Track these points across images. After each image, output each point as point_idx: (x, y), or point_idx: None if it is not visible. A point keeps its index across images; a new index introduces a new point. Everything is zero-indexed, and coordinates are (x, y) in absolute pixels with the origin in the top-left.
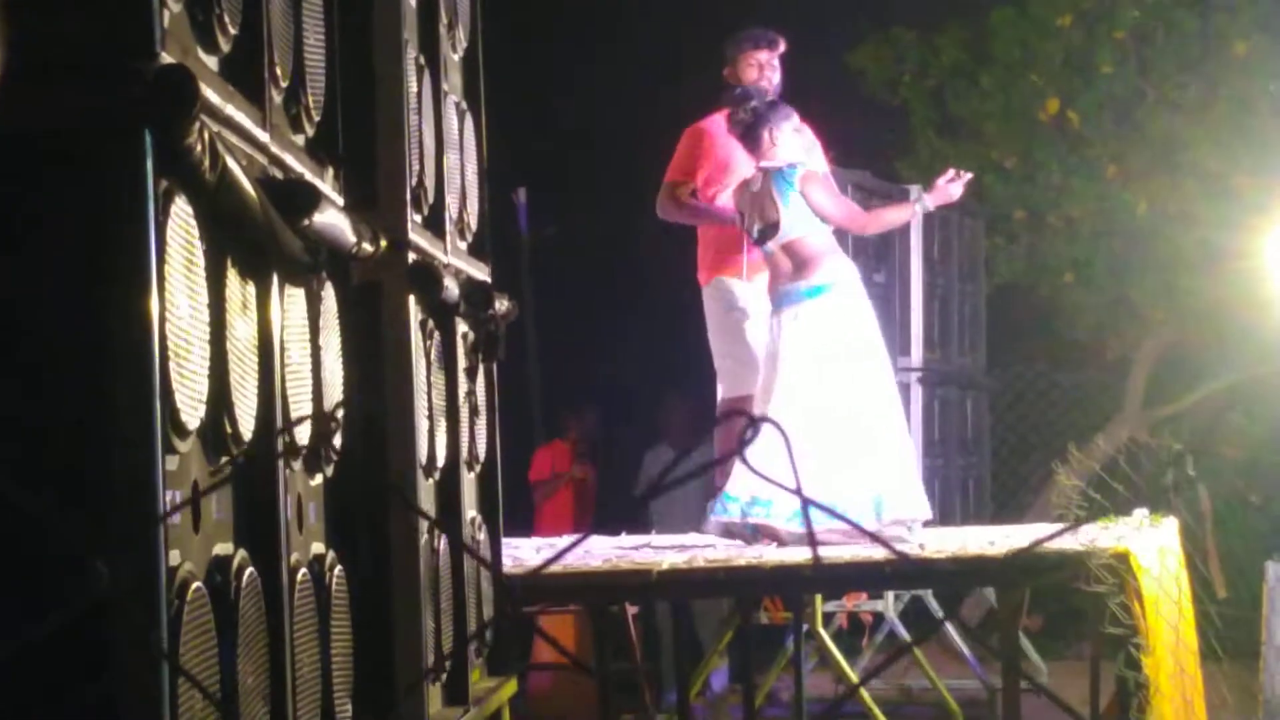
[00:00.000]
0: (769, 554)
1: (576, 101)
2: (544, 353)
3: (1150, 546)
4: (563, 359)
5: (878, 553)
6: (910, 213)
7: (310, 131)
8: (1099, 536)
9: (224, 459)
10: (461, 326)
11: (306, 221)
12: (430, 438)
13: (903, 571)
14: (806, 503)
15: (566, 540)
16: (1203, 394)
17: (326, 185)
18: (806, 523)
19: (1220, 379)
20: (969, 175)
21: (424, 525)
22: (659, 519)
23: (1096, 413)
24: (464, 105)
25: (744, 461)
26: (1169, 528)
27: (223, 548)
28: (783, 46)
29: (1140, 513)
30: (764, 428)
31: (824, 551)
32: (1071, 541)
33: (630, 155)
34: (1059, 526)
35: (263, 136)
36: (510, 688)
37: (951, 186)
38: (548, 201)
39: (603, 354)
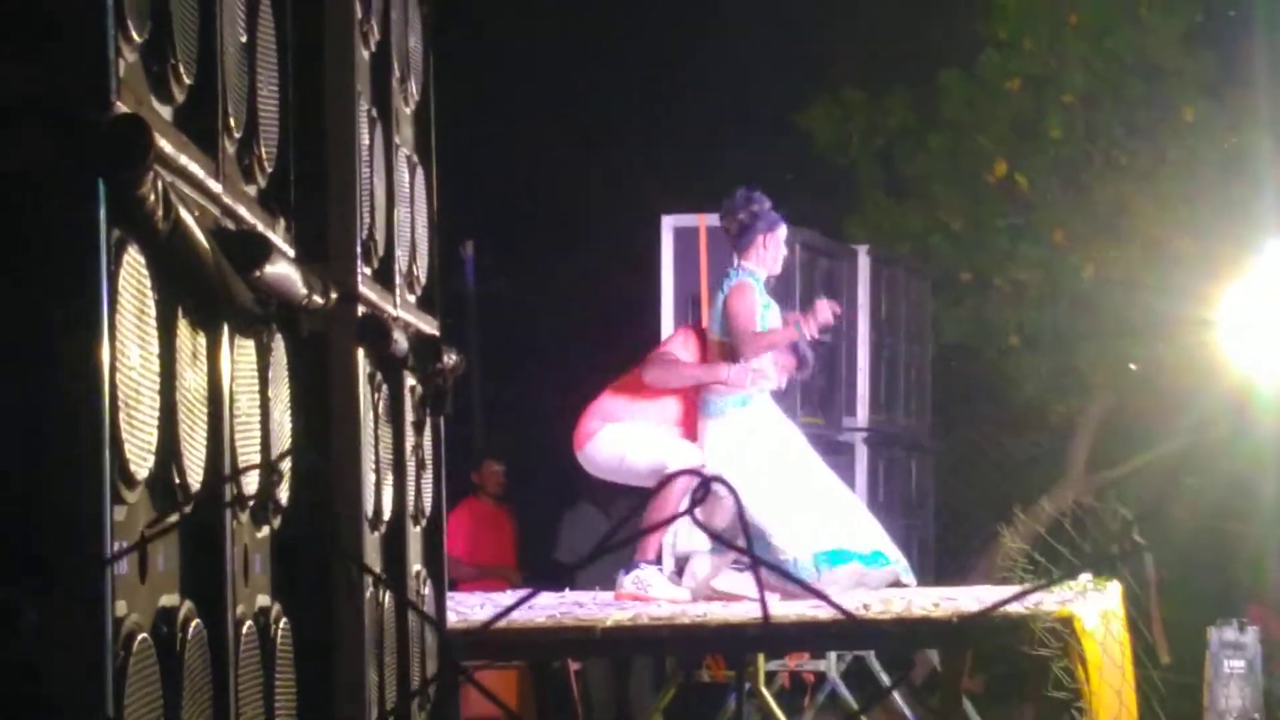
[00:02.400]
0: (714, 612)
1: (525, 157)
2: (489, 407)
3: (1094, 611)
4: (507, 413)
5: (822, 612)
6: (791, 335)
7: (262, 182)
8: (1043, 600)
9: (172, 510)
10: (409, 380)
11: (258, 273)
12: (377, 491)
13: (847, 632)
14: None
15: (509, 596)
16: (1147, 459)
17: (278, 237)
18: (757, 582)
19: (1165, 444)
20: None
21: (369, 580)
22: (582, 577)
23: (1041, 476)
24: (415, 159)
25: (695, 521)
26: (1113, 592)
27: (169, 599)
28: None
29: (1085, 577)
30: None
31: (771, 610)
32: (1016, 605)
33: (576, 211)
34: (1012, 590)
35: (215, 187)
36: None
37: (827, 311)
38: (495, 256)
39: (546, 408)
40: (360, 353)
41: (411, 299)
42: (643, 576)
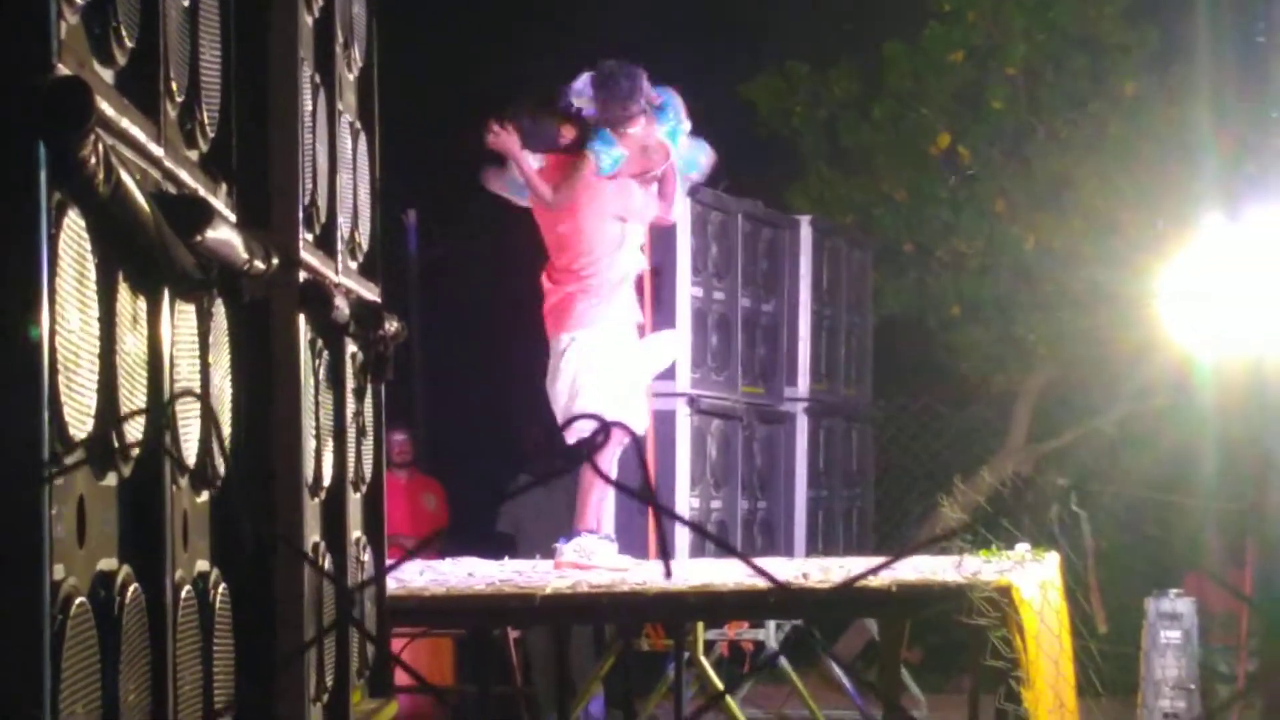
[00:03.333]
0: (654, 580)
1: (466, 123)
2: (429, 374)
3: (1032, 580)
4: (447, 381)
5: (761, 581)
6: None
7: (204, 147)
8: (981, 569)
9: (110, 472)
10: (351, 346)
11: (199, 237)
12: (317, 457)
13: (785, 601)
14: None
15: (449, 564)
16: (1086, 429)
17: (219, 202)
18: (660, 533)
19: (1104, 415)
20: None
21: (309, 546)
22: (523, 546)
23: (981, 447)
24: (358, 125)
25: (594, 466)
26: (1051, 562)
27: (107, 563)
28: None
29: (1022, 546)
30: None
31: (709, 579)
32: (954, 574)
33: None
34: (949, 559)
35: (157, 151)
36: (391, 709)
37: None
38: (436, 223)
39: (486, 377)
40: (301, 319)
41: (353, 265)
42: (584, 545)
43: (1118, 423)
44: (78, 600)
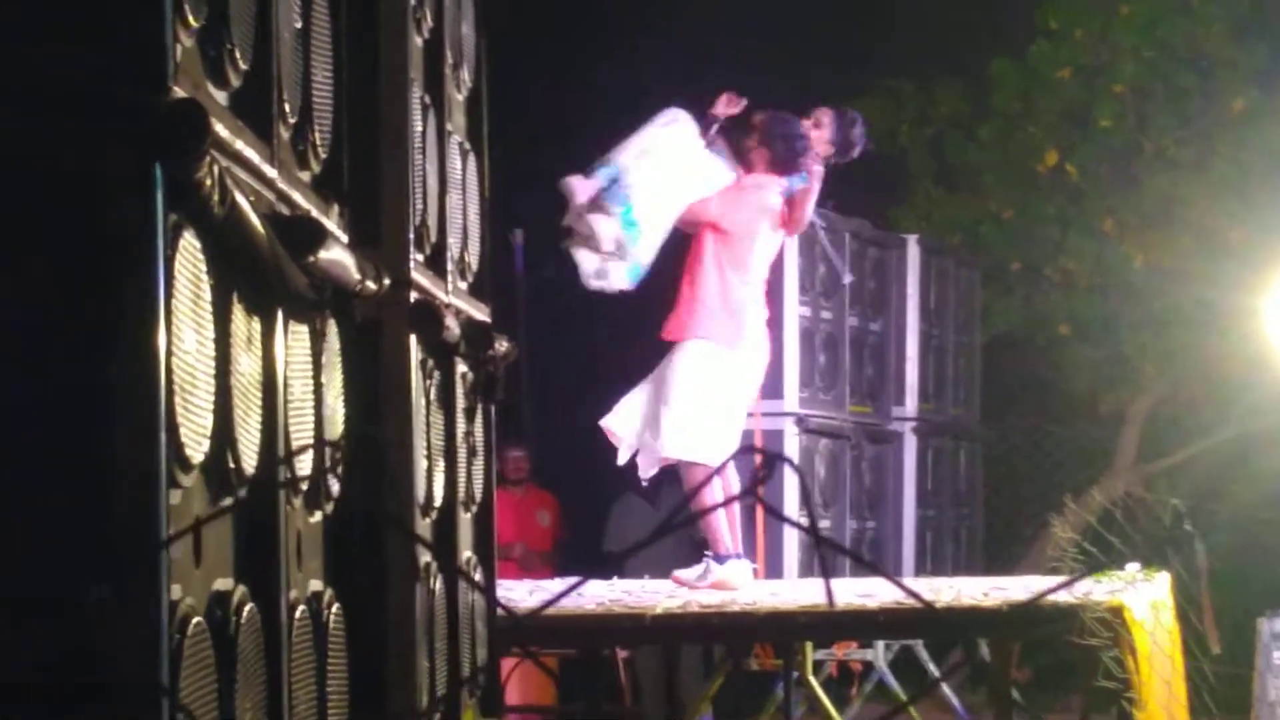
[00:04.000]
0: (763, 600)
1: (573, 143)
2: (538, 394)
3: (1144, 601)
4: (555, 400)
5: (871, 601)
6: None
7: (316, 168)
8: (1093, 590)
9: (227, 494)
10: (461, 366)
11: (312, 258)
12: (428, 477)
13: (895, 621)
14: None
15: (559, 584)
16: (1197, 450)
17: (331, 222)
18: (823, 564)
19: (1214, 435)
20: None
21: (422, 565)
22: (631, 566)
23: (1089, 467)
24: (467, 145)
25: (760, 501)
26: (1162, 582)
27: (223, 583)
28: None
29: (1133, 566)
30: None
31: (818, 599)
32: (1066, 594)
33: None
34: (1058, 579)
35: (270, 172)
36: None
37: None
38: (545, 243)
39: (595, 396)
40: (412, 339)
41: (463, 286)
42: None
43: (1228, 442)
44: (195, 620)
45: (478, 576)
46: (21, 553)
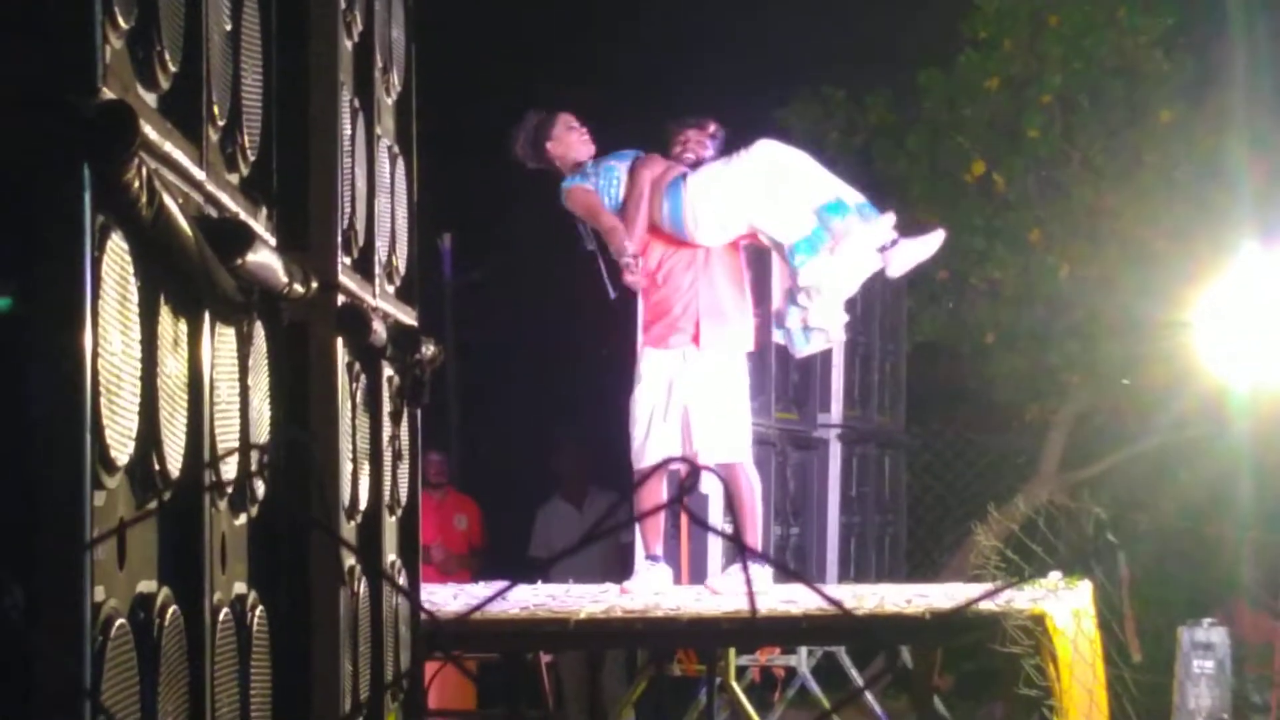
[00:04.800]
0: (687, 605)
1: (503, 148)
2: (464, 398)
3: (1066, 609)
4: (482, 404)
5: (794, 608)
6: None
7: (245, 171)
8: (1015, 598)
9: (152, 497)
10: (387, 370)
11: (240, 261)
12: (354, 480)
13: (819, 627)
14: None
15: (482, 588)
16: (1120, 459)
17: (259, 225)
18: (745, 574)
19: (1138, 445)
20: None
21: (345, 569)
22: (556, 570)
23: (1013, 475)
24: (396, 149)
25: (687, 511)
26: (1084, 590)
27: (146, 585)
28: (712, 127)
29: (1055, 575)
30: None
31: (742, 605)
32: (988, 602)
33: (553, 202)
34: (983, 587)
35: (199, 174)
36: None
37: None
38: (472, 247)
39: (521, 400)
40: (339, 342)
41: (390, 289)
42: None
43: (1153, 452)
44: (118, 622)
45: (402, 580)
46: None
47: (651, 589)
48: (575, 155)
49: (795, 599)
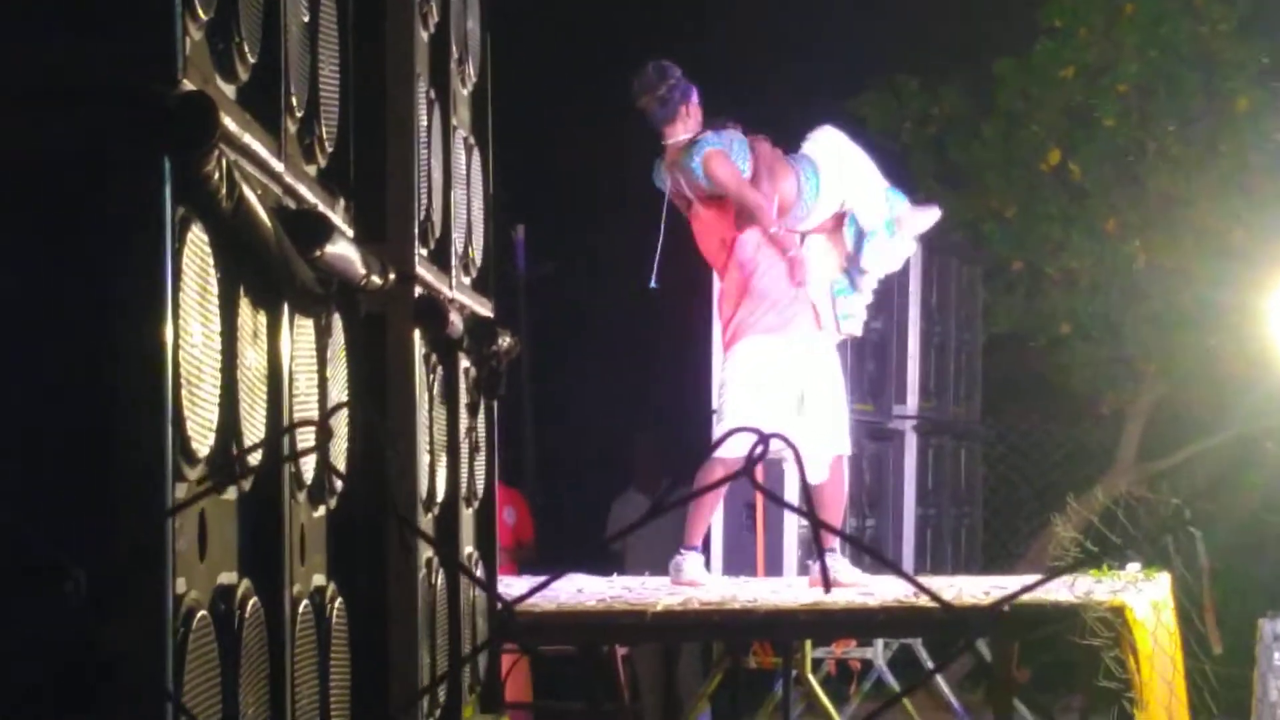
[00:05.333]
0: (763, 597)
1: (575, 139)
2: (537, 390)
3: (1145, 600)
4: (555, 396)
5: (871, 599)
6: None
7: (323, 162)
8: (1094, 589)
9: (231, 486)
10: (464, 362)
11: (319, 252)
12: (431, 472)
13: (895, 619)
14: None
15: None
16: (1198, 449)
17: (337, 217)
18: (820, 558)
19: (1216, 435)
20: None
21: (423, 560)
22: (631, 562)
23: (1090, 466)
24: (471, 140)
25: (753, 482)
26: (1163, 582)
27: (227, 577)
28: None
29: (1134, 566)
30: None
31: (819, 597)
32: (1067, 594)
33: (626, 194)
34: (1059, 579)
35: (278, 166)
36: None
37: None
38: (545, 239)
39: (594, 392)
40: (417, 334)
41: (466, 281)
42: (682, 564)
43: (1231, 442)
44: (199, 614)
45: (479, 572)
46: (26, 545)
47: (698, 578)
48: (695, 129)
49: (871, 591)
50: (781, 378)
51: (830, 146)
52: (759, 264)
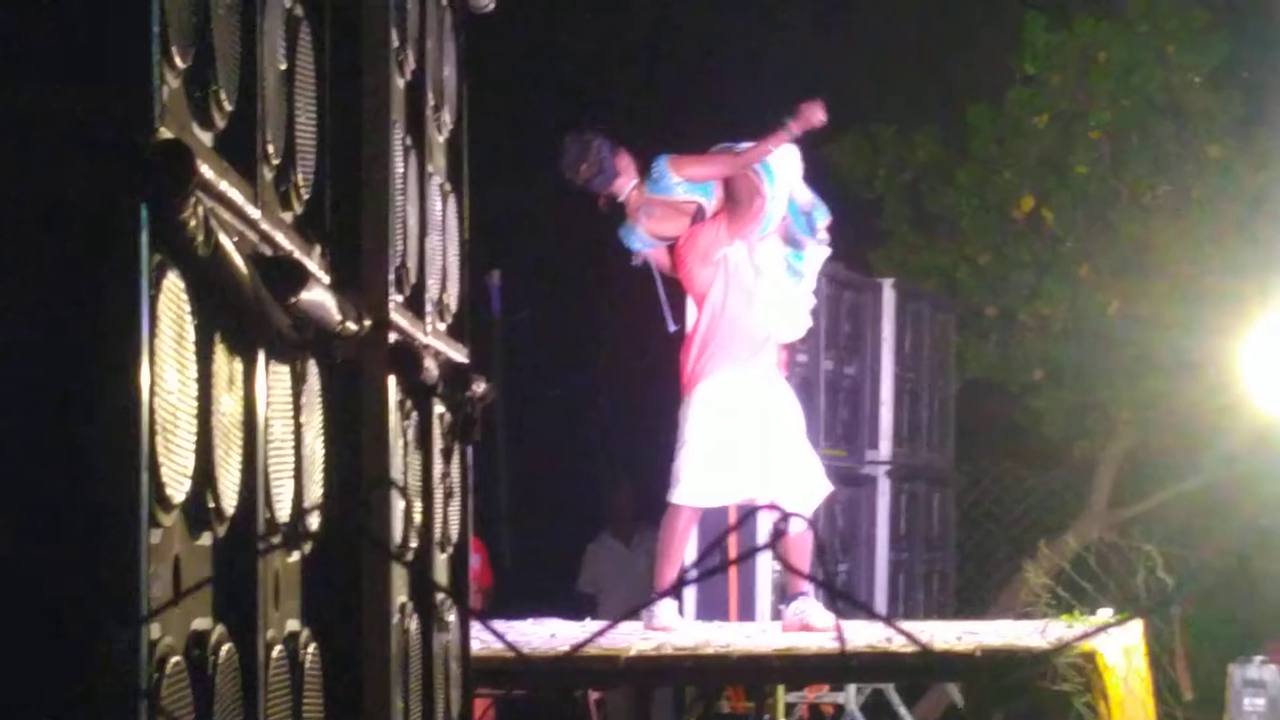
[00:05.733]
0: (737, 642)
1: (552, 185)
2: (512, 436)
3: (1116, 646)
4: (531, 443)
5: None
6: (778, 138)
7: (299, 209)
8: (1065, 634)
9: (206, 534)
10: (439, 408)
11: (294, 299)
12: (405, 518)
13: (868, 664)
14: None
15: (529, 623)
16: (1170, 496)
17: (313, 263)
18: (832, 608)
19: (1188, 481)
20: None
21: (396, 605)
22: (604, 607)
23: (1063, 512)
24: (448, 187)
25: (777, 556)
26: (1134, 627)
27: (201, 622)
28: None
29: (1105, 612)
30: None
31: (792, 642)
32: (1039, 639)
33: (604, 240)
34: (1033, 624)
35: (254, 213)
36: None
37: (818, 111)
38: (521, 285)
39: (570, 439)
40: (392, 380)
41: (442, 327)
42: (655, 609)
43: (1203, 489)
44: (173, 659)
45: (451, 618)
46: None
47: (670, 623)
48: (636, 172)
49: (845, 636)
50: (740, 415)
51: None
52: (738, 290)
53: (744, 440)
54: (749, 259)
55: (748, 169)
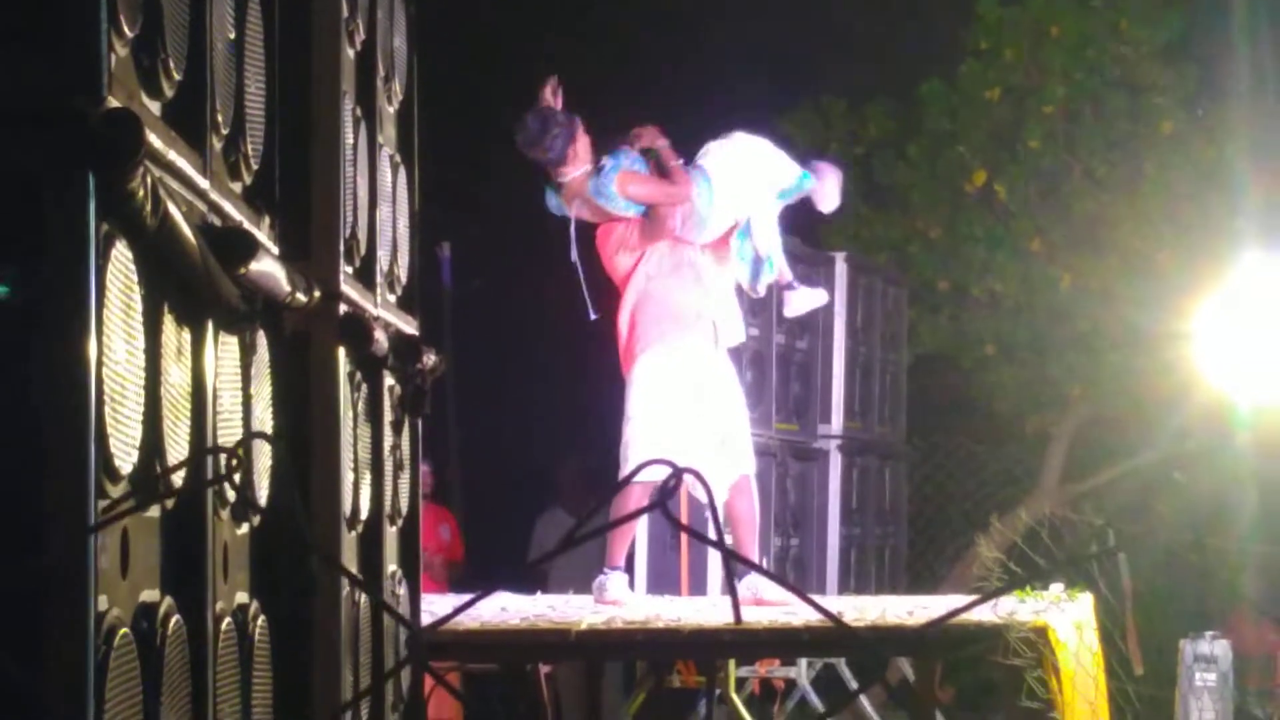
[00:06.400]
0: (688, 616)
1: (502, 157)
2: (462, 408)
3: (1068, 621)
4: (480, 415)
5: (795, 619)
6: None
7: (248, 179)
8: (1018, 610)
9: (154, 504)
10: (389, 380)
11: (243, 269)
12: (355, 490)
13: (819, 638)
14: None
15: (457, 599)
16: (1122, 471)
17: (263, 234)
18: (729, 582)
19: (1140, 457)
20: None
21: (345, 579)
22: (555, 580)
23: (1014, 486)
24: (398, 158)
25: (668, 516)
26: (1086, 603)
27: (149, 594)
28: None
29: (1058, 587)
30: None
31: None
32: (990, 614)
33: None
34: (977, 596)
35: (203, 183)
36: None
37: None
38: (471, 257)
39: (520, 411)
40: (341, 351)
41: (392, 299)
42: (606, 583)
43: (1154, 464)
44: (121, 631)
45: (402, 590)
46: None
47: (621, 597)
48: (588, 159)
49: (795, 610)
50: (683, 391)
51: (726, 159)
52: (644, 275)
53: (683, 416)
54: (670, 251)
55: (683, 191)
